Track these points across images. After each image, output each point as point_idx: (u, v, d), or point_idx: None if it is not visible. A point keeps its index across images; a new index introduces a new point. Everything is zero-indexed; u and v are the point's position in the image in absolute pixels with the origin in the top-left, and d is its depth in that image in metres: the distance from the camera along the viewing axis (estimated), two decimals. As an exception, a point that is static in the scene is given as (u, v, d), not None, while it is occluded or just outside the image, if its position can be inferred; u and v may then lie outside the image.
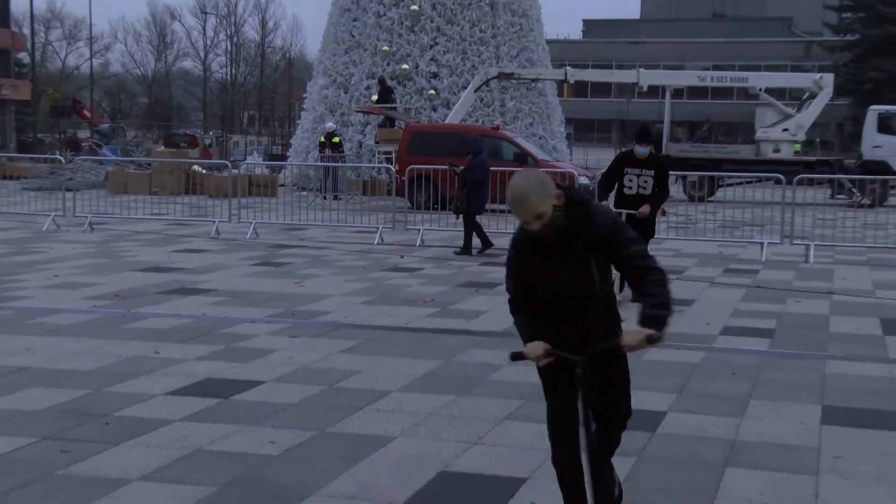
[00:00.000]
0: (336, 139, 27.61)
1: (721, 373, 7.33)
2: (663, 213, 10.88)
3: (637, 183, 10.14)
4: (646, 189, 10.15)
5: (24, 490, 4.74)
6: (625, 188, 10.22)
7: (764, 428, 5.94)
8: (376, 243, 15.72)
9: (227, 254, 14.20)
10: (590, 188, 19.95)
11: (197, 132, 67.44)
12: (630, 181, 10.17)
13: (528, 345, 3.90)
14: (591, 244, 3.88)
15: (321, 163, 26.06)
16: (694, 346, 8.26)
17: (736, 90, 48.38)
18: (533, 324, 4.00)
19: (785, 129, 29.56)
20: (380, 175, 26.02)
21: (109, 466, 5.08)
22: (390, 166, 21.13)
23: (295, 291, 10.88)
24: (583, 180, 20.47)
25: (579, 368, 3.86)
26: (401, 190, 18.95)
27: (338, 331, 8.68)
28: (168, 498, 4.66)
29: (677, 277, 12.30)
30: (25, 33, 65.78)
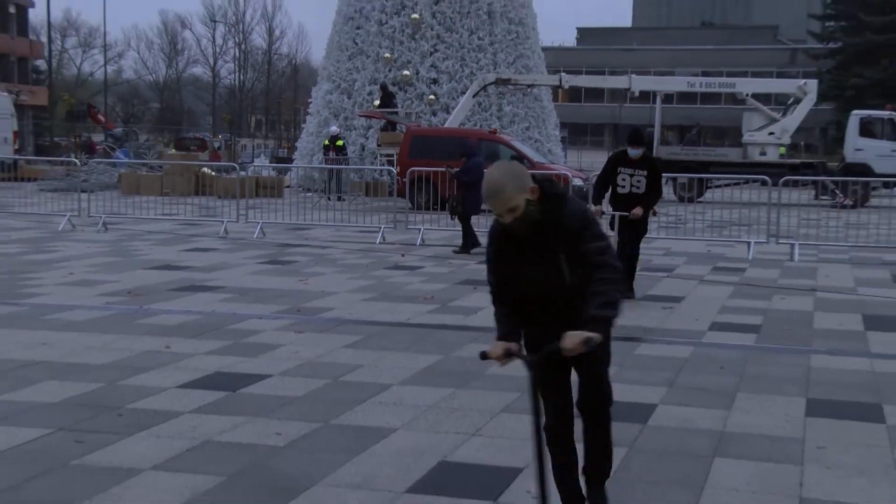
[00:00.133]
0: (340, 142, 27.62)
1: (709, 367, 7.33)
2: (654, 214, 10.81)
3: (630, 182, 10.02)
4: (639, 188, 10.02)
5: (41, 479, 4.74)
6: (618, 187, 10.10)
7: (750, 420, 5.94)
8: (378, 242, 15.71)
9: (235, 252, 14.19)
10: (584, 189, 19.95)
11: (206, 136, 67.53)
12: (623, 180, 10.05)
13: (491, 345, 3.83)
14: (562, 237, 3.78)
15: (325, 165, 26.07)
16: (683, 342, 8.26)
17: (724, 95, 48.25)
18: (507, 320, 3.92)
19: (771, 133, 29.59)
20: (382, 177, 26.03)
21: (122, 456, 5.07)
22: (392, 168, 21.11)
23: (300, 289, 10.87)
24: (577, 182, 20.44)
25: (531, 370, 3.76)
26: (402, 191, 18.93)
27: (341, 326, 8.68)
28: (178, 487, 4.66)
29: (668, 275, 12.31)
30: (43, 41, 65.89)
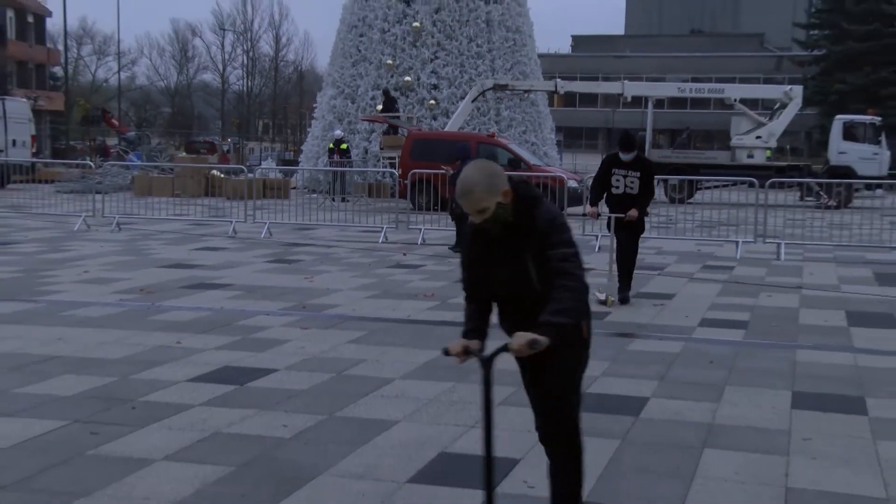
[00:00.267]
0: (344, 146, 27.62)
1: (699, 361, 7.33)
2: (646, 215, 10.76)
3: (624, 183, 9.88)
4: (633, 189, 9.87)
5: (58, 468, 4.75)
6: (612, 188, 9.96)
7: (739, 412, 5.94)
8: (381, 242, 15.71)
9: (244, 251, 14.19)
10: (578, 190, 19.95)
11: (216, 139, 67.50)
12: (617, 181, 9.91)
13: (452, 342, 3.70)
14: (531, 240, 3.61)
15: (330, 167, 26.06)
16: (674, 337, 8.26)
17: (713, 100, 48.27)
18: (472, 317, 3.80)
19: (758, 137, 29.59)
20: (384, 179, 26.05)
21: (135, 447, 5.07)
22: (394, 171, 21.12)
23: (306, 286, 10.87)
24: (572, 184, 20.43)
25: (483, 368, 3.59)
26: (403, 192, 18.94)
27: (345, 323, 8.68)
28: (189, 477, 4.66)
29: (659, 273, 12.31)
30: (60, 49, 65.86)
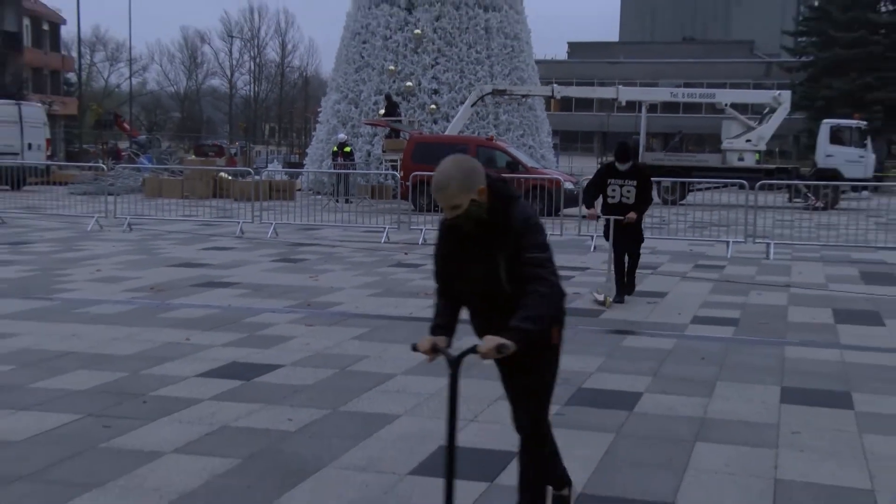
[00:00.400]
0: (347, 149, 27.63)
1: (691, 358, 7.32)
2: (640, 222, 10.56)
3: (620, 193, 9.75)
4: (629, 199, 9.73)
5: (72, 460, 4.74)
6: (608, 197, 9.84)
7: (729, 407, 5.93)
8: (383, 242, 15.70)
9: (250, 251, 14.18)
10: (574, 192, 19.95)
11: (223, 143, 67.41)
12: (613, 191, 9.78)
13: (421, 339, 3.57)
14: (505, 239, 3.43)
15: (334, 170, 26.05)
16: (667, 334, 8.25)
17: (704, 105, 48.25)
18: (442, 313, 3.66)
19: (748, 140, 29.59)
20: (386, 181, 26.04)
21: (146, 440, 5.07)
22: (396, 173, 21.11)
23: (310, 285, 10.86)
24: (568, 185, 20.43)
25: (450, 367, 3.45)
26: (405, 194, 18.94)
27: (349, 320, 8.67)
28: (198, 469, 4.65)
29: (652, 272, 12.30)
30: (73, 56, 65.94)
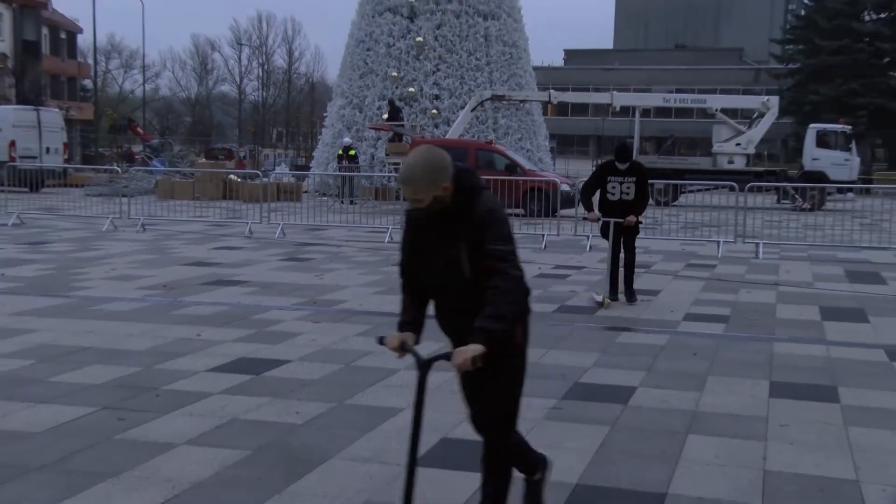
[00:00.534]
0: (352, 152, 27.64)
1: (683, 353, 7.32)
2: (640, 223, 10.50)
3: (620, 189, 9.62)
4: (628, 195, 9.58)
5: (88, 451, 4.75)
6: (608, 194, 9.68)
7: (720, 401, 5.93)
8: (387, 241, 15.70)
9: (259, 251, 14.18)
10: (570, 194, 19.94)
11: (233, 146, 67.52)
12: (613, 188, 9.64)
13: (389, 335, 3.43)
14: (467, 229, 3.26)
15: (339, 172, 26.06)
16: (660, 331, 8.25)
17: (695, 110, 48.21)
18: (408, 308, 3.50)
19: (737, 144, 29.61)
20: (389, 183, 26.02)
21: (159, 432, 5.07)
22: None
23: (317, 283, 10.86)
24: (564, 187, 20.42)
25: (419, 371, 3.31)
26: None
27: (354, 317, 8.67)
28: (209, 460, 4.66)
29: (646, 271, 12.29)
30: (89, 63, 65.92)
